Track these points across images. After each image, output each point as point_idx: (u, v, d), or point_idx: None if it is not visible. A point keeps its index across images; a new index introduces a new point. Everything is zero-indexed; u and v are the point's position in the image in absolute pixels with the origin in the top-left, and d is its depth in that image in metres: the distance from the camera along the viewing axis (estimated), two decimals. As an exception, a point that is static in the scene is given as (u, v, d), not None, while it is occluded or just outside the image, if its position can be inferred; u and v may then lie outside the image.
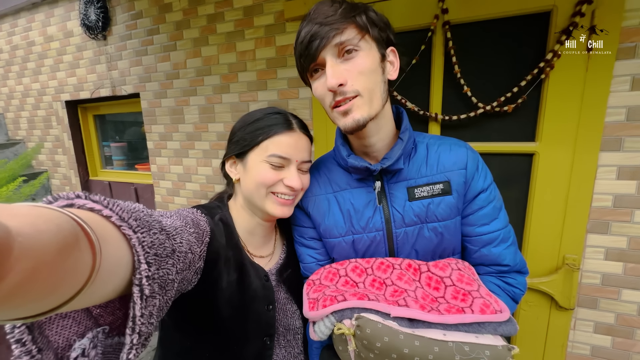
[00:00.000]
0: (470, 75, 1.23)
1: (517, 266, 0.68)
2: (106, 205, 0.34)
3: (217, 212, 0.69)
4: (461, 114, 1.25)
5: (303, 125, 0.70)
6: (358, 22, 0.55)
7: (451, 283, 0.59)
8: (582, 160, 1.14)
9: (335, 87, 0.55)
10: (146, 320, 0.35)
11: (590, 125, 1.11)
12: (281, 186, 0.65)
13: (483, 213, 0.66)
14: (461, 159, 0.65)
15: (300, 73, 0.64)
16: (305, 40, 0.56)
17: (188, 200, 2.05)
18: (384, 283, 0.61)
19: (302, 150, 0.66)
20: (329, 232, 0.70)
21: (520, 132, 1.23)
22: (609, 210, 1.15)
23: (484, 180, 0.66)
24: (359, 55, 0.56)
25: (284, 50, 1.55)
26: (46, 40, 2.37)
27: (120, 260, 0.32)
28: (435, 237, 0.65)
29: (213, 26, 1.70)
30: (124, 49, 2.03)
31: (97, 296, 0.30)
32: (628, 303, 1.18)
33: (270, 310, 0.69)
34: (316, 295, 0.61)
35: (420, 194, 0.65)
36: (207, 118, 1.85)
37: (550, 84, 1.13)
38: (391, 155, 0.63)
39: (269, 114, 0.67)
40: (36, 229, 0.21)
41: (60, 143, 2.54)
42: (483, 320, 0.52)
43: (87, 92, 2.27)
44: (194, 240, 0.55)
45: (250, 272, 0.68)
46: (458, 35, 1.22)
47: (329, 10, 0.55)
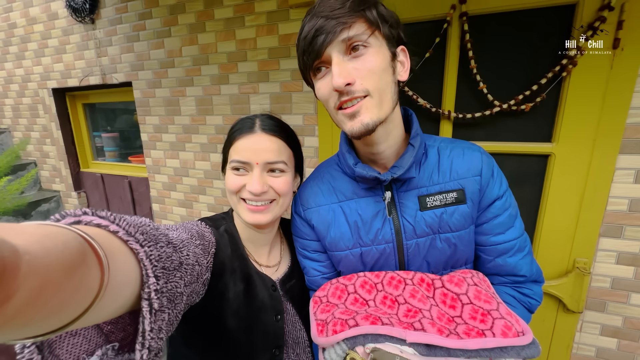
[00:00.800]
0: (487, 71, 1.16)
1: (533, 276, 0.64)
2: (113, 221, 0.34)
3: (222, 223, 0.69)
4: (475, 112, 1.19)
5: (273, 127, 0.64)
6: (368, 16, 0.50)
7: (468, 301, 0.56)
8: (599, 163, 1.10)
9: (342, 86, 0.50)
10: (156, 335, 0.34)
11: (610, 126, 1.06)
12: (245, 192, 0.63)
13: (498, 222, 0.62)
14: (475, 164, 0.61)
15: (303, 71, 0.58)
16: (310, 35, 0.51)
17: (185, 195, 1.98)
18: (396, 301, 0.57)
19: (263, 151, 0.62)
20: (335, 245, 0.66)
21: (537, 132, 1.18)
22: (624, 214, 1.12)
23: (499, 187, 0.61)
24: (369, 52, 0.51)
25: (287, 39, 1.46)
26: (29, 23, 2.21)
27: (129, 275, 0.32)
28: (449, 248, 0.62)
29: (210, 11, 1.59)
30: (114, 34, 1.90)
31: (106, 312, 0.30)
32: (637, 307, 1.18)
33: (279, 321, 0.67)
34: (325, 317, 0.57)
35: (433, 203, 0.60)
36: (204, 110, 1.75)
37: (572, 82, 1.08)
38: (402, 163, 0.58)
39: (239, 120, 0.66)
40: (43, 247, 0.21)
41: (49, 133, 2.42)
42: (506, 345, 0.49)
43: (75, 80, 2.14)
44: (200, 252, 0.54)
45: (257, 283, 0.66)
46: (476, 28, 1.15)
47: (335, 2, 0.50)
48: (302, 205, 0.70)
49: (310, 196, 0.69)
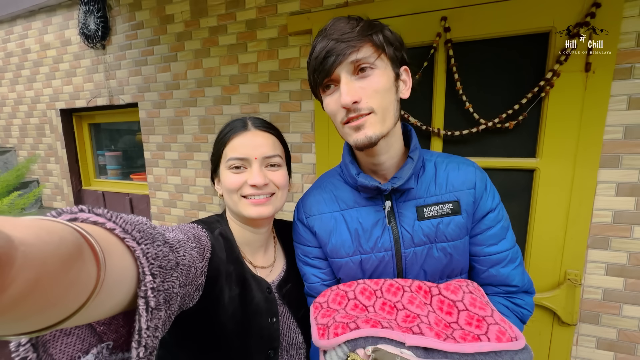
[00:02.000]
0: (472, 91, 1.25)
1: (524, 286, 0.67)
2: (109, 218, 0.34)
3: (217, 226, 0.69)
4: (463, 129, 1.27)
5: (264, 124, 0.69)
6: (375, 40, 0.55)
7: (464, 307, 0.58)
8: (582, 177, 1.16)
9: (350, 104, 0.55)
10: (152, 334, 0.35)
11: (589, 142, 1.13)
12: (247, 188, 0.64)
13: (491, 233, 0.65)
14: (470, 178, 0.65)
15: (312, 87, 0.63)
16: (321, 55, 0.56)
17: (185, 212, 2.01)
18: (394, 307, 0.59)
19: (260, 146, 0.65)
20: (336, 252, 0.68)
21: (522, 148, 1.25)
22: (609, 226, 1.17)
23: (492, 200, 0.66)
24: (375, 73, 0.56)
25: (286, 63, 1.56)
26: (42, 48, 2.34)
27: (125, 272, 0.32)
28: (445, 258, 0.64)
29: (215, 38, 1.71)
30: (123, 58, 2.02)
31: (102, 310, 0.30)
32: (629, 318, 1.19)
33: (274, 323, 0.68)
34: (325, 321, 0.59)
35: (430, 213, 0.64)
36: (206, 129, 1.83)
37: (550, 102, 1.16)
38: (402, 174, 0.62)
39: (229, 123, 0.69)
40: (39, 239, 0.21)
41: (53, 152, 2.49)
42: (500, 349, 0.51)
43: (83, 101, 2.24)
44: (196, 255, 0.55)
45: (253, 286, 0.67)
46: (460, 53, 1.25)
47: (345, 26, 0.55)
48: (305, 213, 0.72)
49: (313, 204, 0.72)
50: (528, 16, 1.14)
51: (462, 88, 1.24)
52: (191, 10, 1.74)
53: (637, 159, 1.11)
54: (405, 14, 1.29)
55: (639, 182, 1.12)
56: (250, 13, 1.59)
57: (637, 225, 1.14)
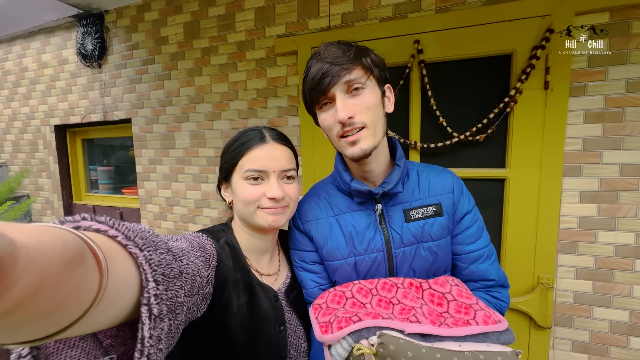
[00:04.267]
0: (444, 107, 1.35)
1: (500, 280, 0.74)
2: (112, 226, 0.34)
3: (222, 235, 0.69)
4: (438, 142, 1.36)
5: (281, 136, 0.71)
6: (364, 63, 0.63)
7: (452, 298, 0.64)
8: (548, 185, 1.24)
9: (346, 119, 0.62)
10: (155, 343, 0.34)
11: (552, 153, 1.23)
12: (265, 200, 0.65)
13: (470, 232, 0.73)
14: (448, 183, 0.73)
15: (307, 104, 0.70)
16: (317, 77, 0.62)
17: (175, 225, 2.04)
18: (390, 302, 0.64)
19: (278, 159, 0.66)
20: (331, 255, 0.73)
21: (492, 159, 1.34)
22: (575, 231, 1.24)
23: (468, 203, 0.74)
24: (365, 92, 0.63)
25: (274, 81, 1.66)
26: (40, 67, 2.42)
27: (128, 279, 0.32)
28: (431, 256, 0.71)
29: (207, 58, 1.81)
30: (119, 77, 2.10)
31: (104, 318, 0.30)
32: (600, 320, 1.25)
33: (282, 332, 0.68)
34: (327, 319, 0.61)
35: (416, 215, 0.71)
36: (197, 143, 1.90)
37: (515, 116, 1.26)
38: (391, 179, 0.69)
39: (244, 133, 0.69)
40: (42, 243, 0.21)
41: (45, 167, 2.51)
42: (487, 331, 0.56)
43: (78, 117, 2.30)
44: (201, 264, 0.54)
45: (260, 294, 0.67)
46: (433, 72, 1.35)
47: (337, 51, 0.63)
48: (301, 219, 0.77)
49: (308, 210, 0.77)
50: (492, 40, 1.26)
51: (435, 104, 1.34)
52: (185, 32, 1.84)
53: (596, 168, 1.20)
54: (382, 37, 1.40)
55: (599, 190, 1.20)
56: (240, 35, 1.70)
57: (600, 230, 1.22)
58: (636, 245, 1.18)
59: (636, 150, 1.16)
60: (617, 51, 1.14)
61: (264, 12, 1.64)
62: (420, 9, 1.36)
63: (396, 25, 1.38)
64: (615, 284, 1.22)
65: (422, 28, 1.34)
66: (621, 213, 1.19)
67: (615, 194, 1.19)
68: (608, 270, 1.22)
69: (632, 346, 1.22)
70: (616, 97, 1.16)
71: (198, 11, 1.79)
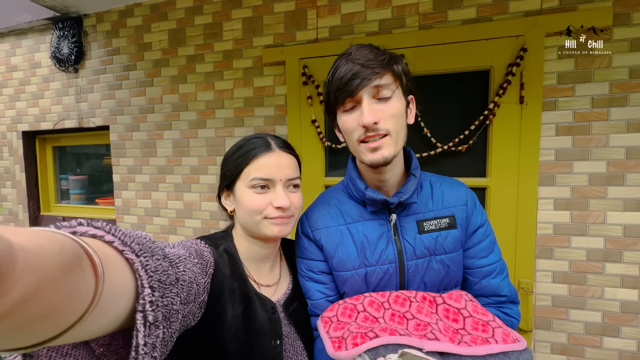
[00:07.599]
0: (428, 119, 1.40)
1: (512, 296, 0.72)
2: (108, 231, 0.34)
3: (222, 242, 0.68)
4: (423, 152, 1.40)
5: (286, 144, 0.70)
6: (395, 70, 0.62)
7: (468, 314, 0.61)
8: (525, 193, 1.31)
9: (371, 124, 0.60)
10: (149, 351, 0.33)
11: (528, 163, 1.30)
12: (271, 209, 0.64)
13: (482, 246, 0.71)
14: (462, 195, 0.72)
15: (329, 104, 0.67)
16: (346, 77, 0.60)
17: (155, 236, 1.95)
18: (404, 317, 0.61)
19: (284, 168, 0.65)
20: (342, 265, 0.70)
21: (474, 169, 1.40)
22: (551, 237, 1.31)
23: (481, 216, 0.72)
24: (392, 99, 0.62)
25: (261, 90, 1.66)
26: (8, 70, 2.28)
27: (124, 285, 0.32)
28: (443, 269, 0.68)
29: (192, 66, 1.78)
30: (97, 82, 2.02)
31: (99, 325, 0.30)
32: (576, 322, 1.31)
33: (278, 346, 0.65)
34: (340, 334, 0.58)
35: (429, 227, 0.69)
36: (181, 152, 1.85)
37: (494, 128, 1.33)
38: (406, 189, 0.67)
39: (249, 140, 0.68)
40: (40, 246, 0.21)
41: (11, 175, 2.34)
42: (507, 350, 0.54)
43: (50, 123, 2.18)
44: (198, 272, 0.53)
45: (256, 305, 0.65)
46: (417, 85, 1.39)
47: (369, 54, 0.61)
48: (311, 227, 0.74)
49: (318, 218, 0.74)
50: (472, 56, 1.34)
51: (420, 115, 1.39)
52: (169, 39, 1.82)
53: (568, 178, 1.28)
54: (368, 50, 1.45)
55: (571, 198, 1.29)
56: (227, 44, 1.70)
57: (573, 235, 1.29)
58: (605, 250, 1.27)
59: (601, 161, 1.25)
60: (582, 70, 1.25)
61: (252, 22, 1.65)
62: (404, 25, 1.43)
63: (382, 40, 1.43)
64: (589, 287, 1.29)
65: (406, 43, 1.40)
66: (591, 219, 1.27)
67: (586, 202, 1.28)
68: (582, 274, 1.29)
69: (605, 346, 1.28)
70: (583, 112, 1.26)
71: (184, 19, 1.77)
